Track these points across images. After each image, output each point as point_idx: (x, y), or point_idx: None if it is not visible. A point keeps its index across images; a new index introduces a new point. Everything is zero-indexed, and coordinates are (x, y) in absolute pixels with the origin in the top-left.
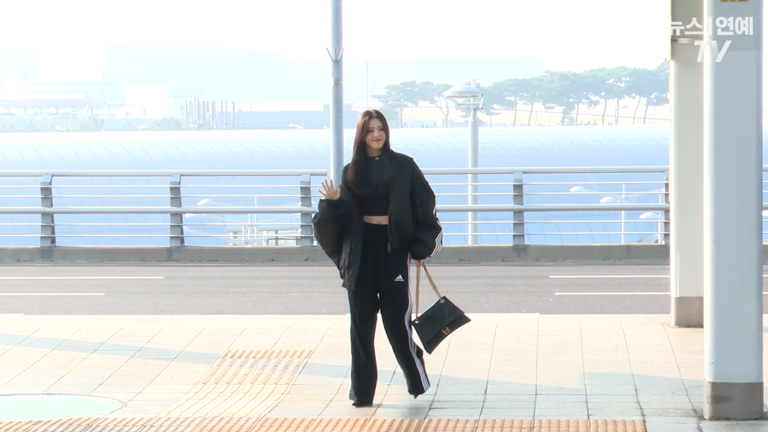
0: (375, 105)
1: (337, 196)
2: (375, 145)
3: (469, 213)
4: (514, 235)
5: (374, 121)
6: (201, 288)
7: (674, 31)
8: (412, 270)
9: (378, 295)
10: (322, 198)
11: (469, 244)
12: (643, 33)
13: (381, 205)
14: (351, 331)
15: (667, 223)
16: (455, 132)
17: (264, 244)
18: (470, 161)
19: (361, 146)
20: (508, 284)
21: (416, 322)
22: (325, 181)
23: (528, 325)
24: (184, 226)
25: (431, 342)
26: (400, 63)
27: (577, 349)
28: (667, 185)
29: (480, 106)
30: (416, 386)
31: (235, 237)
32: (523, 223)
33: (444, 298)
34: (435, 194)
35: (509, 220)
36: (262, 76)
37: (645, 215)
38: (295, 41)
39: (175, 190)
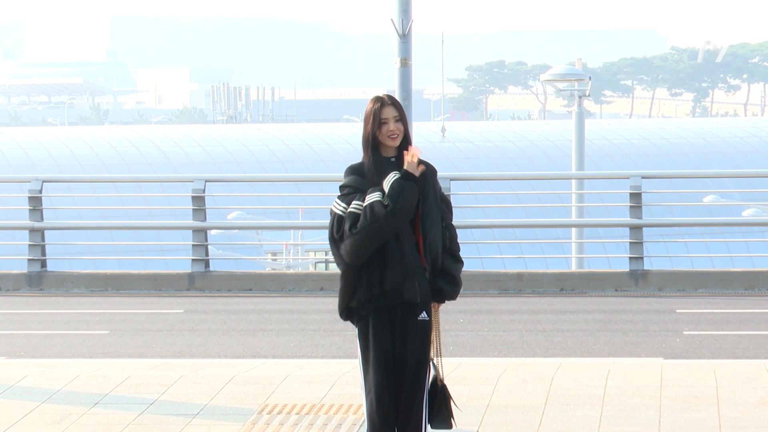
0: (453, 91)
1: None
2: (391, 143)
3: (573, 229)
4: (630, 258)
5: (388, 110)
6: (231, 324)
7: None
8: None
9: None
10: (395, 179)
11: (573, 268)
12: None
13: None
14: (369, 405)
15: None
16: (555, 126)
17: (311, 269)
18: (574, 163)
19: (373, 142)
20: (623, 320)
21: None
22: (415, 145)
23: (648, 372)
24: (209, 246)
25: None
26: (485, 38)
27: (711, 405)
28: None
29: (587, 93)
30: None
31: (275, 260)
32: (642, 242)
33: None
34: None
35: (624, 239)
36: (309, 54)
37: None
38: (350, 11)
39: (199, 200)
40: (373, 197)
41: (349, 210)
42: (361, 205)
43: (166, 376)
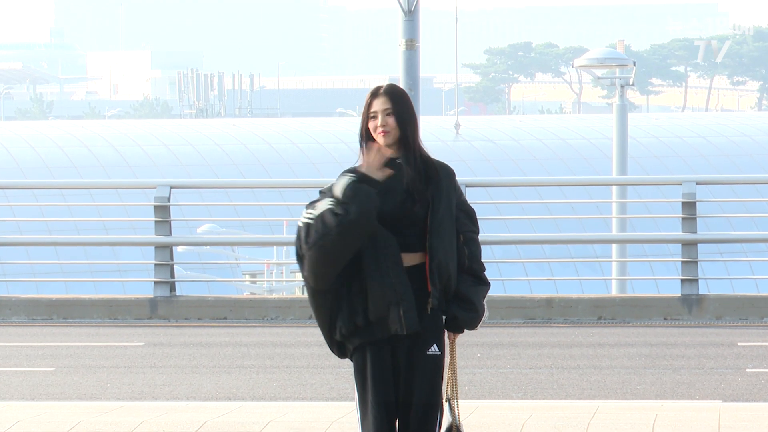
0: (469, 78)
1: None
2: (381, 140)
3: (614, 246)
4: (682, 280)
5: (378, 101)
6: (201, 360)
7: None
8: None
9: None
10: (348, 183)
11: (614, 293)
12: None
13: (404, 236)
14: None
15: None
16: (592, 121)
17: (297, 293)
18: (615, 166)
19: (366, 140)
20: (674, 355)
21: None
22: (383, 127)
23: (704, 418)
24: (175, 266)
25: None
26: (508, 14)
27: None
28: None
29: (631, 81)
30: None
31: (254, 282)
32: (696, 261)
33: (449, 399)
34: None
35: (675, 257)
36: (295, 35)
37: None
38: None
39: (163, 211)
40: (323, 205)
41: (304, 220)
42: (313, 215)
43: (123, 422)
